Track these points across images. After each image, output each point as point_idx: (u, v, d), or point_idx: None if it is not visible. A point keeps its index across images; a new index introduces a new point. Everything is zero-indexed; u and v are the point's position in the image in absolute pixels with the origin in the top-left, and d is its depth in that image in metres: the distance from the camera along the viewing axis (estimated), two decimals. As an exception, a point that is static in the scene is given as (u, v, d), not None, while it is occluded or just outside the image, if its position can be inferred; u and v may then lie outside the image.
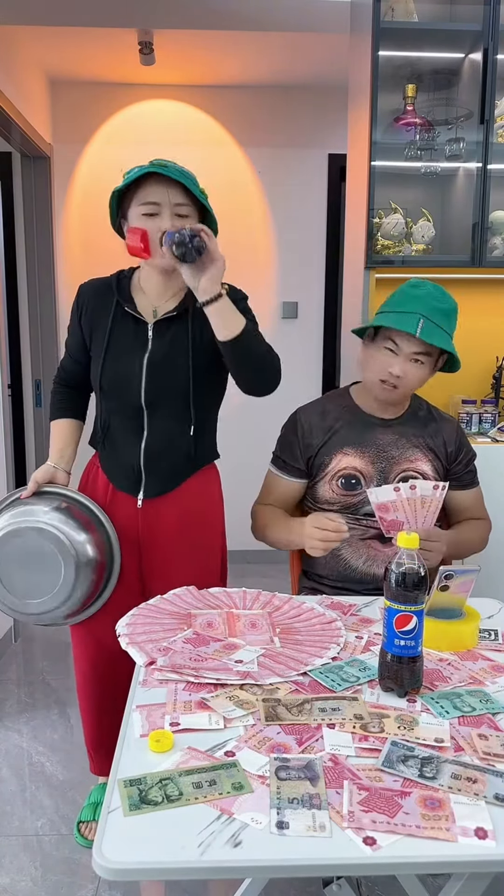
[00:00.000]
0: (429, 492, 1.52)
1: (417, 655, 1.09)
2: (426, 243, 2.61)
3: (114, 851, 0.79)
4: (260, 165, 3.71)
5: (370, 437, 1.67)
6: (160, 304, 1.63)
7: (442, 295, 1.60)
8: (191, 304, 1.59)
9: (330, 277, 3.83)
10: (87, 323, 1.65)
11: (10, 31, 3.00)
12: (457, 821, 0.83)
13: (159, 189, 1.49)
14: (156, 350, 1.59)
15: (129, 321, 1.62)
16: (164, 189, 1.49)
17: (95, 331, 1.64)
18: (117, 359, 1.60)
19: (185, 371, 1.59)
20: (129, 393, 1.60)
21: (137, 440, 1.63)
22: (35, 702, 2.55)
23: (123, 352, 1.61)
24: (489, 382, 2.75)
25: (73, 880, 1.73)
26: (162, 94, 3.63)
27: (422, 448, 1.68)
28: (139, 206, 1.51)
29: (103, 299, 1.64)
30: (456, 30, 2.45)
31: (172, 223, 1.49)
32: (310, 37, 3.01)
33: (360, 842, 0.80)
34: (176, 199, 1.50)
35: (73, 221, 3.70)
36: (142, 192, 1.51)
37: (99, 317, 1.64)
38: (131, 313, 1.61)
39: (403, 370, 1.58)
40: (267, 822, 0.83)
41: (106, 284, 1.66)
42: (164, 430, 1.62)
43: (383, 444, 1.67)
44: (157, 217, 1.50)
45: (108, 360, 1.61)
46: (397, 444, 1.67)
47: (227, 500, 1.77)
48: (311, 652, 1.22)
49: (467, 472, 1.74)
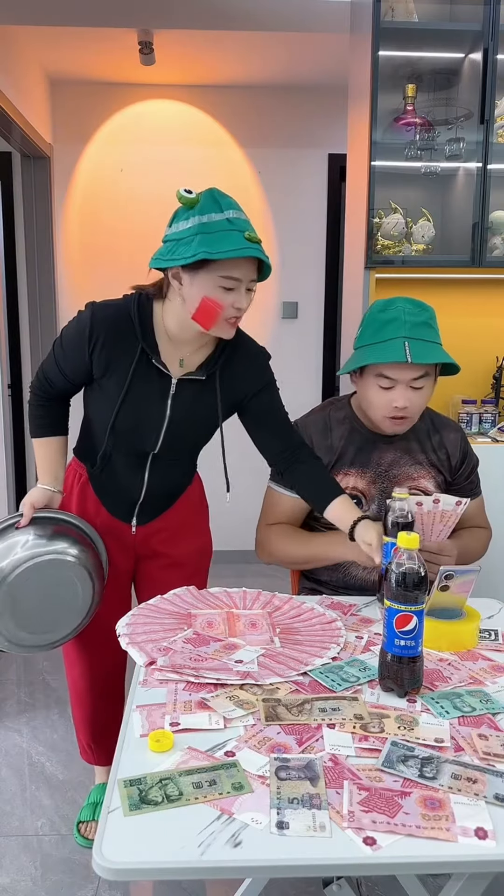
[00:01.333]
0: (451, 507, 1.46)
1: (417, 655, 1.09)
2: (426, 243, 2.61)
3: (114, 851, 0.79)
4: (260, 165, 3.71)
5: (373, 456, 1.63)
6: (186, 355, 1.51)
7: (415, 307, 1.52)
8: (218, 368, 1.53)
9: (330, 277, 3.83)
10: (100, 358, 1.48)
11: (10, 31, 3.00)
12: (457, 821, 0.83)
13: (247, 268, 1.39)
14: (177, 408, 1.52)
15: (153, 371, 1.50)
16: (251, 268, 1.40)
17: (112, 371, 1.49)
18: (136, 408, 1.51)
19: (201, 431, 1.58)
20: (143, 443, 1.55)
21: (139, 481, 1.61)
22: (35, 702, 2.55)
23: (143, 402, 1.51)
24: (489, 382, 2.75)
25: (73, 880, 1.73)
26: (162, 94, 3.63)
27: (424, 465, 1.64)
28: (220, 278, 1.37)
29: (124, 339, 1.47)
30: (456, 30, 2.44)
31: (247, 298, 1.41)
32: (310, 37, 3.01)
33: (361, 842, 0.80)
34: (251, 276, 1.41)
35: (73, 221, 3.70)
36: (229, 264, 1.36)
37: (117, 357, 1.48)
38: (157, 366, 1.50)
39: (407, 399, 1.50)
40: (267, 822, 0.83)
41: (125, 319, 1.48)
42: (166, 470, 1.62)
43: (385, 464, 1.63)
44: (233, 292, 1.39)
45: (126, 407, 1.50)
46: (399, 463, 1.63)
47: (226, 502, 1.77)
48: (311, 652, 1.22)
49: (469, 483, 1.70)
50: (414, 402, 1.52)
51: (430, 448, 1.66)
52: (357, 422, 1.66)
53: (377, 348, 1.49)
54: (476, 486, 1.74)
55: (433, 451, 1.66)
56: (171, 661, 1.17)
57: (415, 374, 1.49)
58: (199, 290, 1.38)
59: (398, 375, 1.49)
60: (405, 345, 1.46)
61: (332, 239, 3.79)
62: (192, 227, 1.35)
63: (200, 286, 1.38)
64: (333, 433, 1.65)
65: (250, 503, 1.79)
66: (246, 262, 1.37)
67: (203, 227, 1.34)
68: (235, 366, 1.55)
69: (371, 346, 1.51)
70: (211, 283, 1.37)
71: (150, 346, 1.48)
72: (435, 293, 2.73)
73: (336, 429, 1.65)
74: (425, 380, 1.52)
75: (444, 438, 1.67)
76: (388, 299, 1.55)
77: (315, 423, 1.67)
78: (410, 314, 1.50)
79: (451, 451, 1.67)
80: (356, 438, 1.64)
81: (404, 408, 1.51)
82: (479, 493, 1.75)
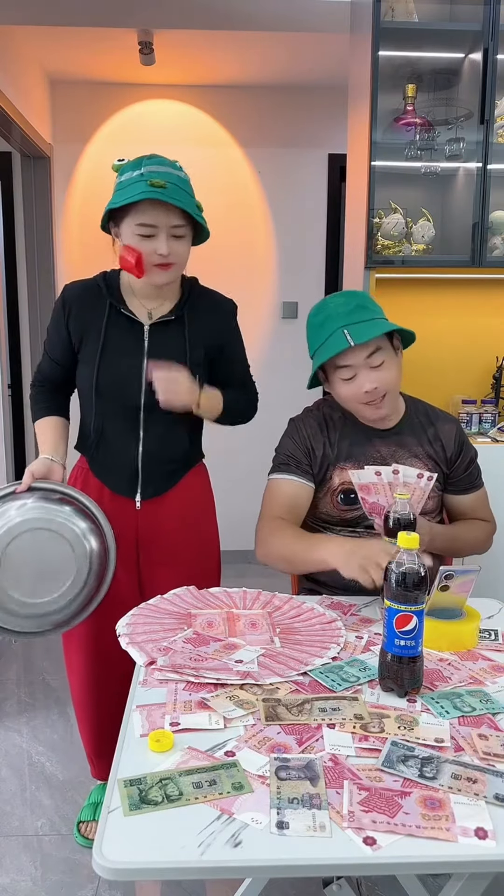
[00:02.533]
0: (412, 479, 1.49)
1: (417, 655, 1.09)
2: (426, 243, 2.61)
3: (114, 851, 0.79)
4: (260, 165, 3.71)
5: (368, 450, 1.63)
6: (154, 307, 1.62)
7: (344, 298, 1.55)
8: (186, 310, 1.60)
9: (330, 277, 3.83)
10: (75, 325, 1.61)
11: (10, 31, 3.00)
12: (457, 821, 0.83)
13: (156, 211, 1.46)
14: (154, 351, 1.59)
15: (124, 322, 1.60)
16: (162, 212, 1.46)
17: (87, 333, 1.61)
18: (114, 361, 1.59)
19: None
20: (128, 395, 1.59)
21: (134, 442, 1.62)
22: (35, 702, 2.55)
23: (120, 353, 1.59)
24: (489, 382, 2.75)
25: (73, 880, 1.73)
26: (162, 94, 3.63)
27: (421, 457, 1.65)
28: (134, 226, 1.47)
29: (93, 301, 1.61)
30: (456, 30, 2.45)
31: (168, 245, 1.48)
32: (310, 37, 3.01)
33: (361, 842, 0.80)
34: (172, 222, 1.47)
35: (73, 221, 3.70)
36: (138, 211, 1.46)
37: (90, 319, 1.60)
38: (126, 314, 1.60)
39: (372, 381, 1.52)
40: (267, 822, 0.83)
41: (93, 286, 1.62)
42: (161, 430, 1.62)
43: (381, 457, 1.63)
44: (153, 239, 1.47)
45: (105, 363, 1.58)
46: (395, 456, 1.64)
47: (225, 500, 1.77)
48: (311, 652, 1.22)
49: (466, 475, 1.69)
50: (381, 380, 1.53)
51: (427, 440, 1.66)
52: (351, 418, 1.67)
53: (323, 347, 1.53)
54: (476, 479, 1.72)
55: (429, 443, 1.66)
56: (171, 660, 1.17)
57: (366, 353, 1.52)
58: (125, 242, 1.51)
59: (352, 361, 1.52)
60: (345, 332, 1.49)
61: (332, 239, 3.79)
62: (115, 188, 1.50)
63: (125, 239, 1.51)
64: (329, 430, 1.66)
65: (251, 502, 1.78)
66: (159, 207, 1.45)
67: (118, 186, 1.49)
68: (202, 310, 1.64)
69: (318, 349, 1.55)
70: (129, 233, 1.49)
71: (116, 299, 1.60)
72: (435, 293, 2.74)
73: (331, 424, 1.67)
74: (381, 354, 1.53)
75: (439, 430, 1.67)
76: (319, 303, 1.59)
77: (311, 421, 1.68)
78: (341, 306, 1.53)
79: (446, 442, 1.67)
80: (351, 434, 1.65)
81: (374, 388, 1.53)
82: (480, 485, 1.73)
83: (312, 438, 1.64)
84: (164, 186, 1.43)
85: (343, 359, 1.52)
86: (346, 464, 1.63)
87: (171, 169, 1.49)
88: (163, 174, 1.45)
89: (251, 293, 3.74)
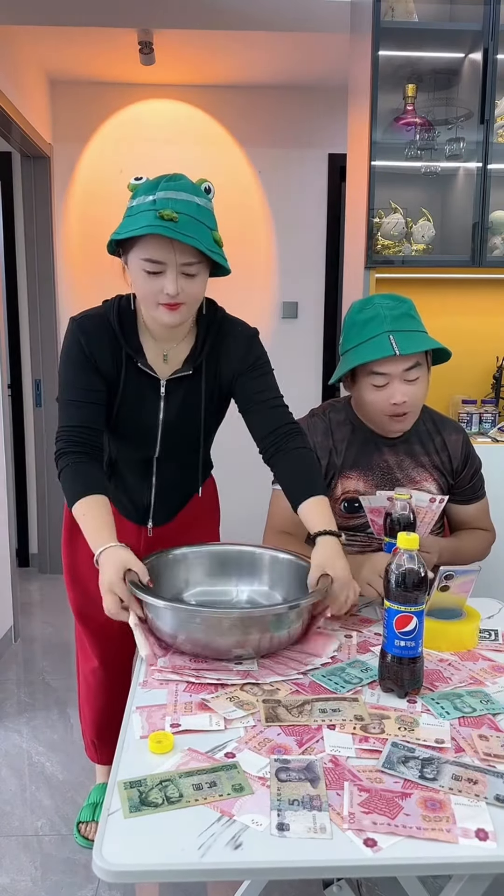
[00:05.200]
0: (424, 503, 1.47)
1: (418, 656, 1.09)
2: (426, 243, 2.61)
3: (114, 854, 0.79)
4: (260, 165, 3.71)
5: (375, 459, 1.61)
6: (170, 350, 1.46)
7: (393, 301, 1.50)
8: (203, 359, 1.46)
9: (330, 277, 3.83)
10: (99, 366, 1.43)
11: (10, 31, 3.00)
12: (457, 822, 0.83)
13: (164, 247, 1.26)
14: (170, 408, 1.48)
15: (142, 375, 1.45)
16: (172, 247, 1.26)
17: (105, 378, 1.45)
18: (132, 415, 1.48)
19: (199, 425, 1.53)
20: (143, 447, 1.53)
21: (146, 481, 1.58)
22: (35, 702, 2.55)
23: (138, 408, 1.48)
24: (489, 382, 2.75)
25: (73, 880, 1.73)
26: (162, 93, 3.63)
27: (427, 467, 1.63)
28: (140, 260, 1.29)
29: (110, 348, 1.42)
30: (456, 30, 2.44)
31: (178, 284, 1.28)
32: (310, 37, 3.01)
33: (361, 843, 0.80)
34: (183, 259, 1.28)
35: (73, 221, 3.70)
36: (144, 245, 1.27)
37: (107, 367, 1.43)
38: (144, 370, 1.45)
39: (404, 393, 1.48)
40: (267, 824, 0.83)
41: (106, 326, 1.43)
42: (173, 471, 1.59)
43: (388, 467, 1.61)
44: (160, 276, 1.29)
45: (122, 415, 1.47)
46: (402, 466, 1.62)
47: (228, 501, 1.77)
48: (311, 652, 1.22)
49: (471, 486, 1.68)
50: (411, 395, 1.50)
51: (434, 450, 1.64)
52: (358, 423, 1.64)
53: (363, 348, 1.48)
54: (479, 490, 1.71)
55: (436, 452, 1.64)
56: (171, 661, 1.17)
57: (406, 366, 1.48)
58: (133, 277, 1.33)
59: (390, 370, 1.48)
60: (390, 338, 1.45)
61: (332, 239, 3.79)
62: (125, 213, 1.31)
63: (131, 272, 1.34)
64: (335, 435, 1.63)
65: (256, 509, 1.78)
66: (169, 243, 1.26)
67: (128, 211, 1.30)
68: (221, 353, 1.48)
69: (357, 348, 1.50)
70: (136, 267, 1.31)
71: (134, 349, 1.43)
72: (435, 293, 2.74)
73: (337, 431, 1.63)
74: (418, 370, 1.50)
75: (446, 440, 1.65)
76: (364, 299, 1.54)
77: (316, 426, 1.65)
78: (389, 308, 1.49)
79: (452, 453, 1.65)
80: (357, 441, 1.63)
81: (403, 402, 1.49)
82: (483, 495, 1.73)
83: (318, 448, 1.62)
84: (175, 220, 1.22)
85: (381, 366, 1.48)
86: (352, 472, 1.62)
87: (192, 195, 1.27)
88: (177, 203, 1.25)
89: (251, 293, 3.74)
